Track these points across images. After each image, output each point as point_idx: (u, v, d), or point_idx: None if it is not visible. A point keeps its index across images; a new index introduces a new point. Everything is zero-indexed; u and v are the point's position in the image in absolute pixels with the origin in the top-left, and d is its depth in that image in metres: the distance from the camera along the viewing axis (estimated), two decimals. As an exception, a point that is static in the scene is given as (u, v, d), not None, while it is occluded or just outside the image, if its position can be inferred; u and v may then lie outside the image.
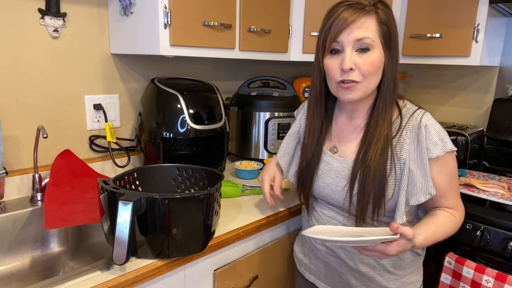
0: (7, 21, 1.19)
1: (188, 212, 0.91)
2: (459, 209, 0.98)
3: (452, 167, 0.95)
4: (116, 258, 0.84)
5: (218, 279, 1.11)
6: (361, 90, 0.91)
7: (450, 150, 0.91)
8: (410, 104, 0.97)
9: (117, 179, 1.03)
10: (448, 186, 0.94)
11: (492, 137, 1.71)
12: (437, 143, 0.90)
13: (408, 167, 0.91)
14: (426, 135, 0.90)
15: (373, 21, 0.88)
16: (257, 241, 1.22)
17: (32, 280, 1.09)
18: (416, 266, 1.04)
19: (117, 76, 1.48)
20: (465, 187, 1.41)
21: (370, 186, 0.91)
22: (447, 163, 0.93)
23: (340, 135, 1.02)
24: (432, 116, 0.94)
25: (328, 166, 1.00)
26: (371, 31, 0.87)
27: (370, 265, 0.99)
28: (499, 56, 1.74)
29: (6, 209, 1.17)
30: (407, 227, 0.80)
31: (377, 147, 0.91)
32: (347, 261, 1.01)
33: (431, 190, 0.91)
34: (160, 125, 1.35)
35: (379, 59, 0.89)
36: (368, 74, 0.89)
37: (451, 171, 0.94)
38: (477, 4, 1.47)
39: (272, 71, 2.10)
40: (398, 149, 0.92)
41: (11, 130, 1.25)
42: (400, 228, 0.78)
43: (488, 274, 1.17)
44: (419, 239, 0.84)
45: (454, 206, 0.97)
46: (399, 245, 0.80)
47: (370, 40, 0.87)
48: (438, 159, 0.91)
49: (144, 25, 1.24)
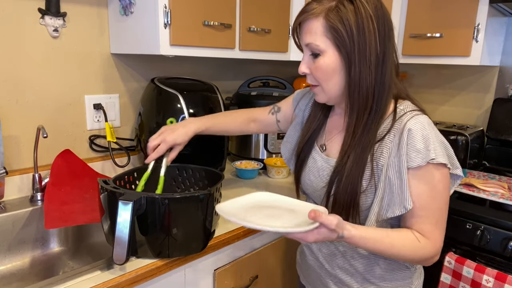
0: (7, 21, 1.19)
1: (188, 212, 0.91)
2: (432, 239, 0.81)
3: (436, 185, 0.80)
4: (116, 258, 0.84)
5: (218, 279, 1.10)
6: (322, 93, 0.87)
7: (435, 162, 0.77)
8: (409, 105, 0.86)
9: (117, 179, 1.03)
10: (425, 206, 0.80)
11: (492, 137, 1.71)
12: (420, 151, 0.78)
13: (385, 175, 0.81)
14: (408, 141, 0.79)
15: (319, 25, 0.80)
16: (257, 241, 1.22)
17: (32, 280, 1.09)
18: (405, 280, 0.93)
19: (117, 76, 1.48)
20: (465, 187, 1.41)
21: (342, 195, 0.84)
22: (430, 177, 0.79)
23: (330, 132, 0.96)
24: (428, 119, 0.83)
25: (314, 163, 0.95)
26: (317, 35, 0.81)
27: (348, 272, 0.93)
28: (499, 56, 1.74)
29: (6, 209, 1.16)
30: (332, 216, 0.74)
31: (353, 153, 0.84)
32: (324, 264, 0.97)
33: (407, 204, 0.79)
34: (160, 125, 1.34)
35: (328, 64, 0.81)
36: (319, 80, 0.84)
37: (434, 188, 0.80)
38: (477, 4, 1.47)
39: (272, 71, 2.10)
40: (378, 155, 0.83)
41: (11, 130, 1.24)
42: (319, 218, 0.72)
43: (488, 274, 1.17)
44: (349, 232, 0.76)
45: (426, 233, 0.81)
46: (319, 233, 0.75)
47: (315, 45, 0.81)
48: (418, 169, 0.79)
49: (144, 25, 1.24)
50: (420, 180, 0.80)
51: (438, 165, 0.79)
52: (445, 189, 0.82)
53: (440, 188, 0.81)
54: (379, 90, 0.82)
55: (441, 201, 0.82)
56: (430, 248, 0.82)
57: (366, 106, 0.83)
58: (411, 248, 0.81)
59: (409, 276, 0.93)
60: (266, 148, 1.69)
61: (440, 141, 0.81)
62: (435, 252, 0.83)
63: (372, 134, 0.83)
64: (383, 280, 0.92)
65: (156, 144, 1.08)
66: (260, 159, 1.70)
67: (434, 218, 0.81)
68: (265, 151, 1.69)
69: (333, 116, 0.97)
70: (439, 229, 0.82)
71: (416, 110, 0.85)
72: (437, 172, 0.79)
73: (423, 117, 0.82)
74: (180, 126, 1.11)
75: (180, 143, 1.09)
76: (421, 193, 0.80)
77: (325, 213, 0.75)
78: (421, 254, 0.82)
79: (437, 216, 0.82)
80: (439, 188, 0.81)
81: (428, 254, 0.82)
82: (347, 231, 0.77)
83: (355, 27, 0.78)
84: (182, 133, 1.09)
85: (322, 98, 0.89)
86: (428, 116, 0.85)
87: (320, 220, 0.73)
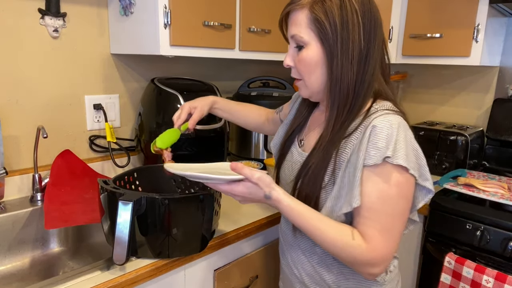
0: (7, 21, 1.19)
1: (188, 212, 0.91)
2: (371, 244, 0.75)
3: (389, 188, 0.74)
4: (116, 258, 0.84)
5: (218, 279, 1.10)
6: (305, 87, 0.86)
7: (394, 163, 0.73)
8: (386, 105, 0.81)
9: (117, 179, 1.03)
10: (371, 207, 0.75)
11: (492, 137, 1.71)
12: (379, 149, 0.73)
13: (344, 171, 0.79)
14: (370, 138, 0.75)
15: (304, 16, 0.79)
16: (257, 241, 1.22)
17: (32, 280, 1.09)
18: None
19: (117, 76, 1.48)
20: (465, 187, 1.41)
21: (305, 188, 0.84)
22: (384, 179, 0.74)
23: (310, 127, 0.95)
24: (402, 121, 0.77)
25: (291, 157, 0.94)
26: (302, 27, 0.80)
27: (312, 278, 0.90)
28: (499, 56, 1.74)
29: (6, 209, 1.16)
30: (258, 172, 0.76)
31: (322, 148, 0.82)
32: (292, 268, 0.94)
33: (353, 202, 0.75)
34: (160, 125, 1.35)
35: (311, 57, 0.80)
36: (302, 73, 0.83)
37: (385, 191, 0.74)
38: (477, 4, 1.47)
39: (272, 71, 2.10)
40: (342, 151, 0.80)
41: (11, 130, 1.24)
42: (241, 169, 0.75)
43: (488, 274, 1.17)
44: (277, 194, 0.77)
45: (366, 236, 0.75)
46: (245, 186, 0.77)
47: (299, 37, 0.80)
48: (375, 168, 0.74)
49: (144, 25, 1.24)
50: (373, 179, 0.75)
51: (399, 169, 0.74)
52: (400, 197, 0.75)
53: (393, 193, 0.74)
54: (359, 87, 0.80)
55: (392, 207, 0.75)
56: (365, 252, 0.75)
57: (346, 103, 0.81)
58: (341, 241, 0.76)
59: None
60: (266, 148, 1.69)
61: (411, 146, 0.76)
62: (370, 259, 0.75)
63: (343, 130, 0.81)
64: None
65: (178, 114, 1.09)
66: (260, 159, 1.70)
67: (379, 223, 0.75)
68: (265, 151, 1.70)
69: (316, 112, 0.96)
70: (384, 237, 0.75)
71: (392, 110, 0.80)
72: (395, 175, 0.74)
73: (395, 117, 0.77)
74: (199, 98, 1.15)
75: (196, 106, 1.10)
76: (370, 193, 0.75)
77: (260, 172, 0.77)
78: (351, 253, 0.76)
79: (384, 223, 0.75)
80: (392, 192, 0.74)
81: (359, 257, 0.75)
82: (276, 193, 0.77)
83: (339, 21, 0.77)
84: (200, 99, 1.13)
85: (305, 93, 0.88)
86: (406, 120, 0.80)
87: (241, 171, 0.76)
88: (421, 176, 0.78)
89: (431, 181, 0.80)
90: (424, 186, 0.79)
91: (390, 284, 0.89)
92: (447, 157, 1.66)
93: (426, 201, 0.82)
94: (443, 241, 1.36)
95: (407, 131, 0.77)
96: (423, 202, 0.81)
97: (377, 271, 0.77)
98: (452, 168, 1.64)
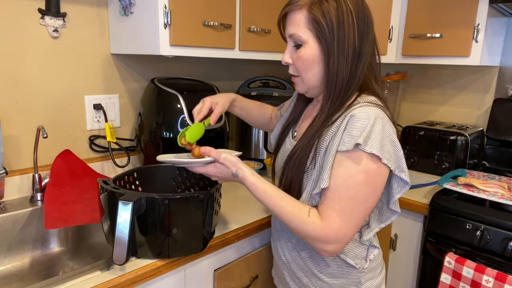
0: (7, 21, 1.19)
1: (188, 212, 0.91)
2: (326, 222, 0.80)
3: (356, 173, 0.78)
4: (116, 258, 0.84)
5: (218, 279, 1.11)
6: (302, 83, 0.91)
7: (365, 150, 0.77)
8: (370, 98, 0.86)
9: (117, 179, 1.03)
10: (334, 189, 0.80)
11: (492, 137, 1.71)
12: (353, 136, 0.78)
13: (323, 157, 0.84)
14: (347, 126, 0.80)
15: (303, 16, 0.84)
16: (257, 241, 1.22)
17: (32, 280, 1.09)
18: (350, 279, 0.93)
19: (117, 76, 1.48)
20: (465, 187, 1.41)
21: (290, 172, 0.90)
22: (353, 163, 0.78)
23: (303, 119, 1.01)
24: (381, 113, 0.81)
25: (284, 148, 1.01)
26: (300, 26, 0.84)
27: (298, 264, 0.97)
28: (499, 56, 1.74)
29: (6, 209, 1.17)
30: (224, 152, 0.88)
31: (307, 136, 0.88)
32: (281, 255, 1.01)
33: (322, 183, 0.80)
34: (160, 125, 1.35)
35: (309, 55, 0.85)
36: (300, 70, 0.88)
37: (352, 176, 0.78)
38: (477, 4, 1.47)
39: (272, 71, 2.10)
40: (322, 139, 0.86)
41: (11, 130, 1.25)
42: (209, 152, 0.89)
43: (488, 274, 1.17)
44: (243, 173, 0.86)
45: (322, 214, 0.81)
46: (215, 166, 0.89)
47: (298, 36, 0.85)
48: (346, 153, 0.79)
49: (144, 25, 1.24)
50: (343, 163, 0.80)
51: (370, 156, 0.78)
52: (366, 184, 0.79)
53: (359, 180, 0.79)
54: (351, 82, 0.85)
55: (355, 192, 0.79)
56: (318, 229, 0.80)
57: (338, 96, 0.86)
58: (297, 217, 0.82)
59: (355, 274, 0.93)
60: (266, 148, 1.69)
61: (388, 138, 0.80)
62: (322, 236, 0.80)
63: (328, 120, 0.86)
64: (328, 275, 0.93)
65: (199, 107, 1.10)
66: (260, 159, 1.70)
67: (338, 205, 0.80)
68: (265, 151, 1.70)
69: (309, 106, 1.02)
70: (341, 218, 0.80)
71: (373, 104, 0.83)
72: (365, 162, 0.78)
73: (374, 109, 0.81)
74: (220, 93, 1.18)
75: (217, 101, 1.11)
76: (337, 176, 0.80)
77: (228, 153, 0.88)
78: (304, 229, 0.81)
79: (344, 205, 0.79)
80: (358, 178, 0.79)
81: (312, 233, 0.81)
82: (241, 171, 0.87)
83: (336, 21, 0.82)
84: (221, 95, 1.14)
85: (302, 89, 0.93)
86: (389, 115, 0.84)
87: (210, 154, 0.88)
88: (398, 168, 0.83)
89: (407, 173, 0.85)
90: (401, 178, 0.84)
91: (371, 273, 0.95)
92: (447, 157, 1.66)
93: (403, 192, 0.86)
94: (443, 241, 1.36)
95: (385, 123, 0.81)
96: (400, 193, 0.86)
97: (331, 248, 0.82)
98: (452, 168, 1.64)
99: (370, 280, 0.95)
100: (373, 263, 0.95)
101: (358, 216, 0.81)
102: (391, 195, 0.88)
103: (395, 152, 0.82)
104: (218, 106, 1.09)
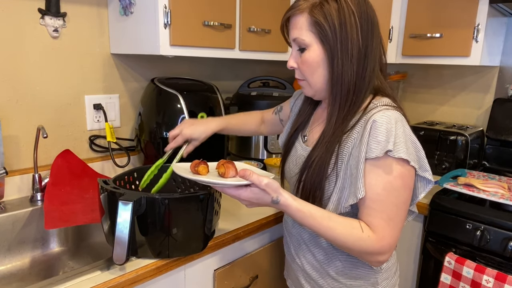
0: (7, 21, 1.19)
1: (188, 212, 0.91)
2: (378, 234, 0.79)
3: (393, 180, 0.78)
4: (116, 258, 0.84)
5: (218, 279, 1.11)
6: (308, 87, 0.90)
7: (395, 156, 0.77)
8: (385, 101, 0.85)
9: (117, 179, 1.03)
10: (377, 199, 0.79)
11: (492, 137, 1.71)
12: (380, 143, 0.78)
13: (346, 164, 0.83)
14: (371, 132, 0.79)
15: (304, 19, 0.84)
16: (257, 241, 1.22)
17: (32, 280, 1.09)
18: (368, 280, 0.92)
19: (117, 76, 1.48)
20: (465, 187, 1.41)
21: (309, 180, 0.87)
22: (387, 171, 0.78)
23: (313, 123, 1.00)
24: (400, 116, 0.81)
25: (295, 152, 0.99)
26: (302, 30, 0.84)
27: (314, 267, 0.96)
28: (499, 56, 1.74)
29: (6, 209, 1.16)
30: (265, 178, 0.77)
31: (325, 142, 0.86)
32: (295, 257, 1.00)
33: (358, 193, 0.79)
34: (160, 125, 1.35)
35: (313, 58, 0.85)
36: (305, 73, 0.88)
37: (390, 183, 0.78)
38: (477, 4, 1.47)
39: (272, 71, 2.10)
40: (343, 145, 0.85)
41: (11, 130, 1.24)
42: (249, 176, 0.77)
43: (488, 274, 1.17)
44: (285, 200, 0.79)
45: (373, 227, 0.80)
46: (252, 191, 0.79)
47: (301, 40, 0.85)
48: (376, 161, 0.79)
49: (144, 25, 1.24)
50: (376, 171, 0.79)
51: (399, 161, 0.78)
52: (404, 188, 0.80)
53: (398, 185, 0.79)
54: (360, 83, 0.85)
55: (396, 198, 0.80)
56: (374, 243, 0.79)
57: (347, 99, 0.85)
58: (351, 235, 0.79)
59: (374, 276, 0.92)
60: (266, 148, 1.69)
61: (409, 140, 0.81)
62: (379, 248, 0.80)
63: (345, 125, 0.86)
64: (346, 277, 0.93)
65: (175, 134, 1.10)
66: (260, 159, 1.70)
67: (385, 214, 0.79)
68: (265, 151, 1.70)
69: (318, 110, 1.01)
70: (390, 226, 0.80)
71: (390, 106, 0.84)
72: (396, 167, 0.78)
73: (393, 112, 0.81)
74: (200, 122, 1.13)
75: (196, 138, 1.10)
76: (375, 185, 0.79)
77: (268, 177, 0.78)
78: (361, 245, 0.79)
79: (390, 213, 0.79)
80: (396, 184, 0.79)
81: (370, 248, 0.79)
82: (283, 198, 0.79)
83: (338, 22, 0.82)
84: (200, 130, 1.11)
85: (309, 92, 0.92)
86: (404, 115, 0.84)
87: (249, 178, 0.77)
88: (421, 168, 0.82)
89: (430, 172, 0.84)
90: (424, 177, 0.83)
91: (387, 272, 0.95)
92: (447, 157, 1.66)
93: (427, 191, 0.85)
94: (443, 241, 1.36)
95: (405, 125, 0.81)
96: (424, 192, 0.86)
97: (385, 258, 0.82)
98: (452, 168, 1.64)
99: (386, 279, 0.95)
100: (389, 263, 0.95)
101: (402, 220, 0.82)
102: (414, 196, 0.86)
103: (417, 153, 0.82)
104: (193, 144, 1.11)
